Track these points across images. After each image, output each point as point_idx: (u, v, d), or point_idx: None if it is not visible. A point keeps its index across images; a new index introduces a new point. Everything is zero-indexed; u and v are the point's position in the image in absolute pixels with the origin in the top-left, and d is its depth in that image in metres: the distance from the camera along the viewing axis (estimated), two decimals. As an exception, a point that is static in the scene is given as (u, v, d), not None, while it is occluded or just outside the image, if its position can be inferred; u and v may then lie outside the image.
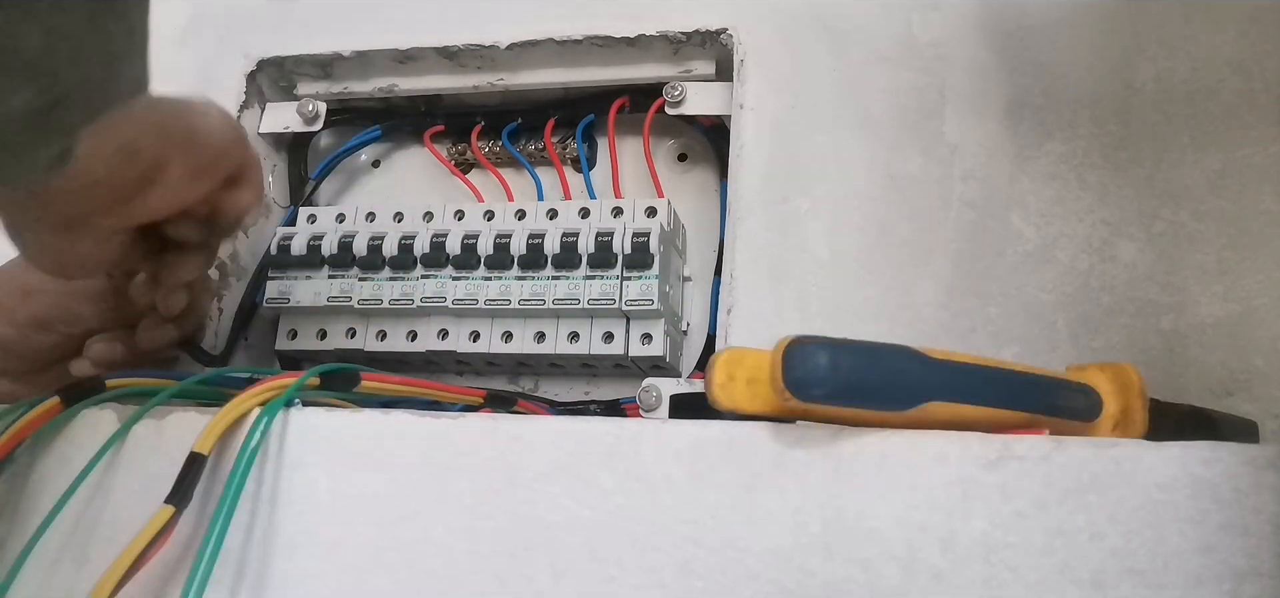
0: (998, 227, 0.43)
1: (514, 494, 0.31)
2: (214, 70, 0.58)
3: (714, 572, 0.29)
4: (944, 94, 0.46)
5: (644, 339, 0.47)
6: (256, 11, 0.59)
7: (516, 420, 0.33)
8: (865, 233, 0.45)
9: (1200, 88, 0.43)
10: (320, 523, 0.33)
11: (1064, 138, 0.44)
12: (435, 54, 0.55)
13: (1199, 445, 0.27)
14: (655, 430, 0.31)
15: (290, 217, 0.57)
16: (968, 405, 0.29)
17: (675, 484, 0.30)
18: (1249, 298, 0.39)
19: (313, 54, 0.56)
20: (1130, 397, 0.32)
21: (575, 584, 0.30)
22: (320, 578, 0.32)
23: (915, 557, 0.28)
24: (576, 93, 0.56)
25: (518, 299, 0.48)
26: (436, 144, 0.58)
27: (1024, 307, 0.41)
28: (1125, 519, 0.27)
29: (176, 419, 0.35)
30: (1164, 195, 0.42)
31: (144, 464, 0.35)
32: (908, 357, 0.28)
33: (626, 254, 0.47)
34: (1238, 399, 0.38)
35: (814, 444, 0.30)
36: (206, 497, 0.33)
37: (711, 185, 0.54)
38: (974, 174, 0.44)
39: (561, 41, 0.53)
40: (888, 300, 0.43)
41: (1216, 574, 0.26)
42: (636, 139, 0.55)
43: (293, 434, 0.34)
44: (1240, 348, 0.38)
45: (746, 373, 0.29)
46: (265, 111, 0.58)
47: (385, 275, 0.50)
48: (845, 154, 0.46)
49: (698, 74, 0.52)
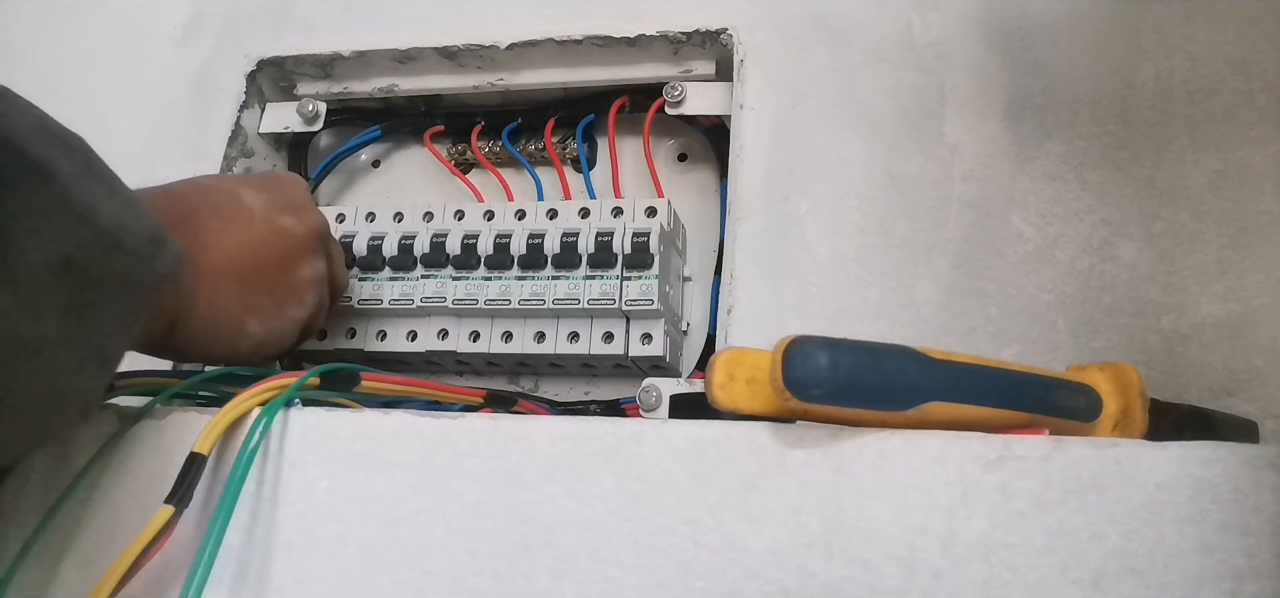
0: (998, 227, 0.43)
1: (514, 494, 0.31)
2: (214, 70, 0.58)
3: (714, 572, 0.29)
4: (944, 94, 0.46)
5: (644, 339, 0.47)
6: (256, 11, 0.59)
7: (516, 420, 0.33)
8: (865, 233, 0.44)
9: (1200, 88, 0.43)
10: (320, 523, 0.33)
11: (1064, 138, 0.44)
12: (435, 54, 0.55)
13: (1199, 445, 0.27)
14: (655, 430, 0.31)
15: (290, 217, 0.57)
16: (968, 406, 0.29)
17: (675, 484, 0.30)
18: (1249, 298, 0.39)
19: (313, 54, 0.56)
20: (1130, 397, 0.32)
21: (575, 584, 0.30)
22: (320, 578, 0.32)
23: (915, 557, 0.28)
24: (576, 93, 0.56)
25: (518, 299, 0.48)
26: (436, 144, 0.58)
27: (1024, 307, 0.41)
28: (1125, 519, 0.27)
29: (176, 419, 0.35)
30: (1164, 195, 0.42)
31: (144, 464, 0.35)
32: (908, 357, 0.28)
33: (626, 254, 0.47)
34: (1238, 399, 0.38)
35: (814, 444, 0.30)
36: (206, 497, 0.33)
37: (711, 185, 0.54)
38: (974, 174, 0.44)
39: (561, 41, 0.53)
40: (888, 300, 0.43)
41: (1216, 574, 0.26)
42: (636, 139, 0.55)
43: (293, 434, 0.34)
44: (1240, 348, 0.38)
45: (746, 373, 0.29)
46: (265, 111, 0.58)
47: (385, 275, 0.50)
48: (845, 154, 0.46)
49: (698, 74, 0.52)
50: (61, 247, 0.29)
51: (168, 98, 0.58)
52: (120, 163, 0.33)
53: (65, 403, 0.32)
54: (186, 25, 0.60)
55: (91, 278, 0.30)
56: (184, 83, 0.58)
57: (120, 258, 0.31)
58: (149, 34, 0.61)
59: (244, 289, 0.40)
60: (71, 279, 0.29)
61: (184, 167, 0.55)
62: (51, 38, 0.62)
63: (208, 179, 0.44)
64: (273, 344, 0.43)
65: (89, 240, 0.30)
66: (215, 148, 0.56)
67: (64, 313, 0.29)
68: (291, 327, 0.44)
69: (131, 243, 0.32)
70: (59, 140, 0.31)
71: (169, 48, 0.60)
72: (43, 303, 0.28)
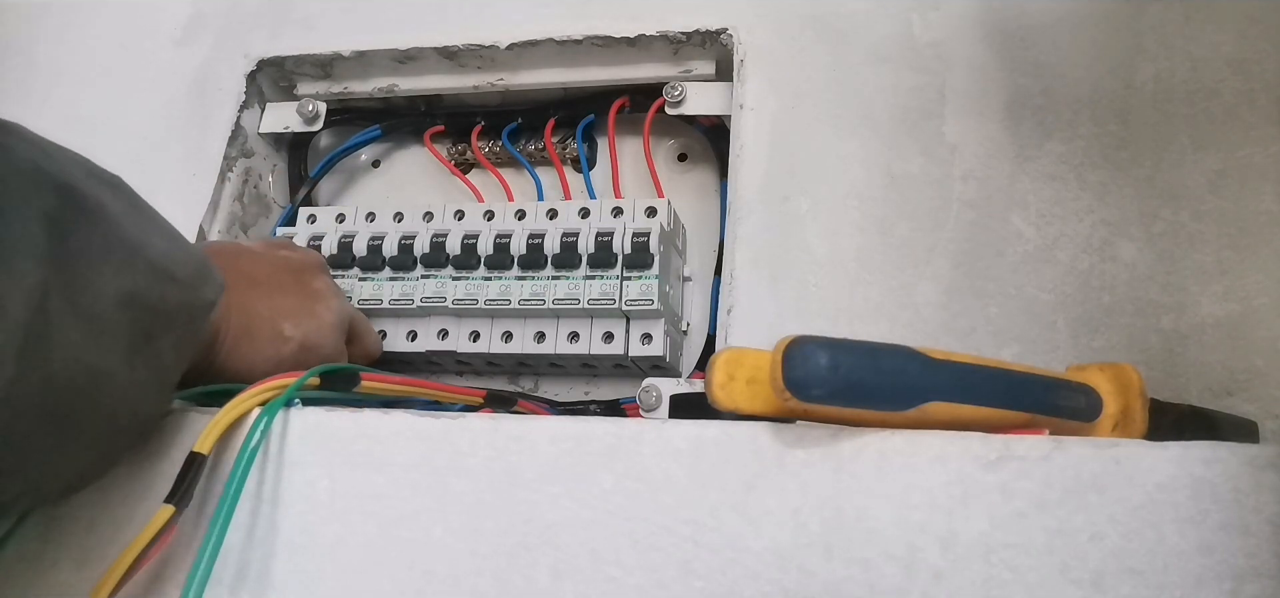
0: (998, 226, 0.43)
1: (514, 494, 0.31)
2: (214, 70, 0.58)
3: (714, 572, 0.29)
4: (944, 94, 0.46)
5: (644, 339, 0.47)
6: (256, 11, 0.59)
7: (516, 420, 0.33)
8: (865, 233, 0.44)
9: (1200, 88, 0.43)
10: (320, 523, 0.33)
11: (1064, 138, 0.44)
12: (435, 54, 0.55)
13: (1199, 445, 0.27)
14: (655, 430, 0.31)
15: (289, 216, 0.57)
16: (968, 406, 0.29)
17: (675, 484, 0.30)
18: (1249, 298, 0.39)
19: (313, 54, 0.56)
20: (1130, 397, 0.32)
21: (575, 584, 0.30)
22: (320, 578, 0.32)
23: (915, 557, 0.28)
24: (576, 93, 0.56)
25: (518, 299, 0.48)
26: (436, 144, 0.58)
27: (1024, 307, 0.41)
28: (1125, 519, 0.27)
29: (176, 419, 0.35)
30: (1164, 195, 0.42)
31: (144, 464, 0.35)
32: (908, 357, 0.28)
33: (626, 254, 0.47)
34: (1238, 399, 0.38)
35: (814, 444, 0.30)
36: (206, 497, 0.33)
37: (711, 185, 0.54)
38: (974, 174, 0.44)
39: (561, 41, 0.53)
40: (888, 300, 0.43)
41: (1216, 574, 0.26)
42: (636, 139, 0.55)
43: (293, 434, 0.34)
44: (1240, 348, 0.38)
45: (746, 373, 0.29)
46: (265, 111, 0.58)
47: (385, 275, 0.50)
48: (845, 154, 0.46)
49: (698, 74, 0.52)
50: (124, 282, 0.30)
51: (168, 98, 0.58)
52: (120, 163, 0.34)
53: (132, 427, 0.33)
54: (186, 25, 0.60)
55: (152, 309, 0.32)
56: (184, 83, 0.58)
57: (174, 288, 0.33)
58: (149, 34, 0.61)
59: (268, 295, 0.42)
60: (134, 312, 0.31)
61: (184, 166, 0.55)
62: (51, 38, 0.62)
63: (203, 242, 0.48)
64: (314, 345, 0.44)
65: (145, 274, 0.32)
66: (215, 148, 0.56)
67: (129, 344, 0.31)
68: (327, 328, 0.45)
69: (182, 274, 0.34)
70: (103, 181, 0.33)
71: (169, 48, 0.60)
72: (111, 336, 0.30)
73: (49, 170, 0.29)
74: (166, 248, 0.33)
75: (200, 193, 0.54)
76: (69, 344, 0.28)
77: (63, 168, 0.30)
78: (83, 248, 0.29)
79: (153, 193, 0.35)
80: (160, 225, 0.34)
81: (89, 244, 0.30)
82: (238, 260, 0.43)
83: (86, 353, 0.29)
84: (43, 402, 0.28)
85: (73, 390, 0.29)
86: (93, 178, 0.32)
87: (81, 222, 0.30)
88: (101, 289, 0.30)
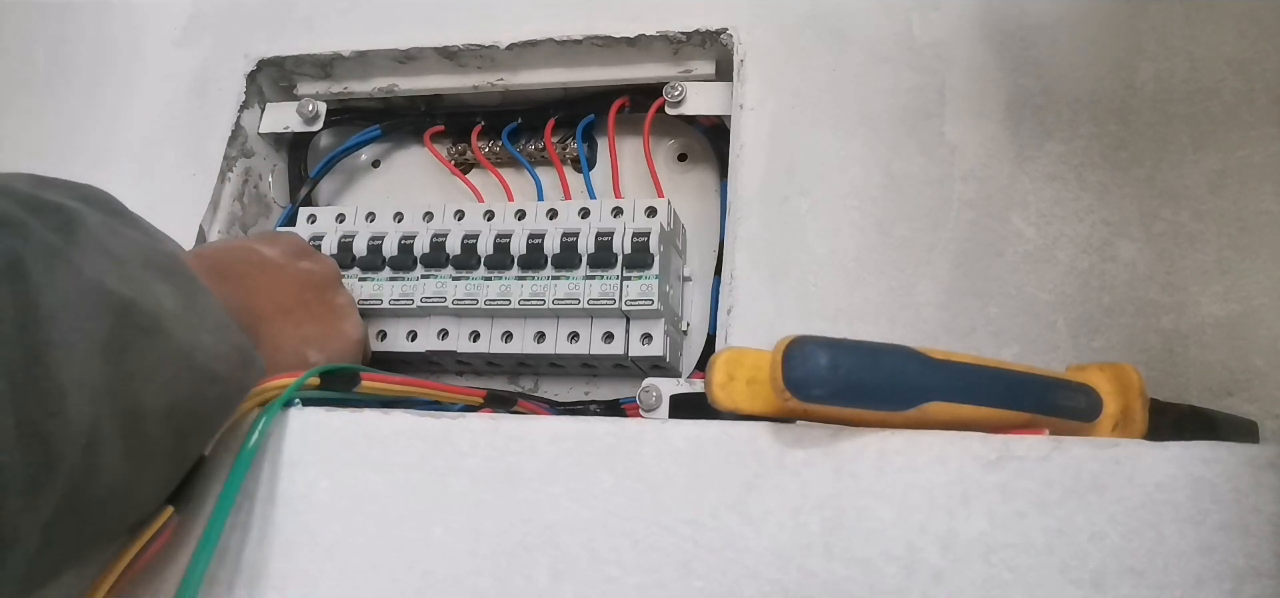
0: (998, 226, 0.43)
1: (514, 494, 0.31)
2: (214, 70, 0.58)
3: (714, 572, 0.29)
4: (944, 94, 0.46)
5: (644, 339, 0.47)
6: (256, 11, 0.59)
7: (516, 420, 0.33)
8: (865, 232, 0.44)
9: (1200, 88, 0.43)
10: (320, 523, 0.33)
11: (1064, 138, 0.44)
12: (435, 54, 0.55)
13: (1199, 445, 0.27)
14: (655, 430, 0.31)
15: (289, 216, 0.57)
16: (968, 406, 0.29)
17: (675, 484, 0.30)
18: (1249, 298, 0.39)
19: (313, 54, 0.56)
20: (1130, 397, 0.32)
21: (575, 584, 0.30)
22: (320, 578, 0.32)
23: (915, 557, 0.28)
24: (576, 93, 0.56)
25: (518, 299, 0.48)
26: (436, 144, 0.58)
27: (1024, 307, 0.41)
28: (1125, 519, 0.27)
29: (176, 419, 0.35)
30: (1164, 195, 0.42)
31: (144, 464, 0.35)
32: (908, 357, 0.28)
33: (626, 254, 0.47)
34: (1238, 399, 0.38)
35: (814, 444, 0.30)
36: (205, 497, 0.33)
37: (711, 185, 0.54)
38: (974, 174, 0.44)
39: (561, 41, 0.53)
40: (888, 300, 0.43)
41: (1216, 574, 0.26)
42: (636, 139, 0.55)
43: (292, 434, 0.34)
44: (1240, 348, 0.38)
45: (746, 373, 0.29)
46: (265, 111, 0.58)
47: (385, 275, 0.50)
48: (845, 154, 0.46)
49: (698, 74, 0.52)
50: (170, 395, 0.30)
51: (168, 98, 0.58)
52: (120, 163, 0.34)
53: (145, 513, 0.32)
54: (186, 25, 0.60)
55: (192, 414, 0.31)
56: (184, 83, 0.58)
57: (215, 388, 0.32)
58: (149, 34, 0.61)
59: (295, 324, 0.43)
60: (176, 421, 0.30)
61: (184, 166, 0.55)
62: (52, 38, 0.62)
63: (221, 242, 0.47)
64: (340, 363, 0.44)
65: (190, 382, 0.31)
66: (215, 148, 0.56)
67: (165, 453, 0.31)
68: (349, 343, 0.45)
69: (224, 370, 0.33)
70: (160, 271, 0.32)
71: (169, 48, 0.60)
72: (148, 452, 0.30)
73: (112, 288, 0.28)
74: (212, 344, 0.32)
75: (200, 193, 0.54)
76: (108, 469, 0.28)
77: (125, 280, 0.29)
78: (135, 368, 0.29)
79: (153, 193, 0.35)
80: (208, 311, 0.33)
81: (142, 363, 0.29)
82: (264, 283, 0.42)
83: (120, 475, 0.28)
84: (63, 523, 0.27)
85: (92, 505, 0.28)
86: (151, 269, 0.31)
87: (138, 340, 0.29)
88: (149, 407, 0.29)
